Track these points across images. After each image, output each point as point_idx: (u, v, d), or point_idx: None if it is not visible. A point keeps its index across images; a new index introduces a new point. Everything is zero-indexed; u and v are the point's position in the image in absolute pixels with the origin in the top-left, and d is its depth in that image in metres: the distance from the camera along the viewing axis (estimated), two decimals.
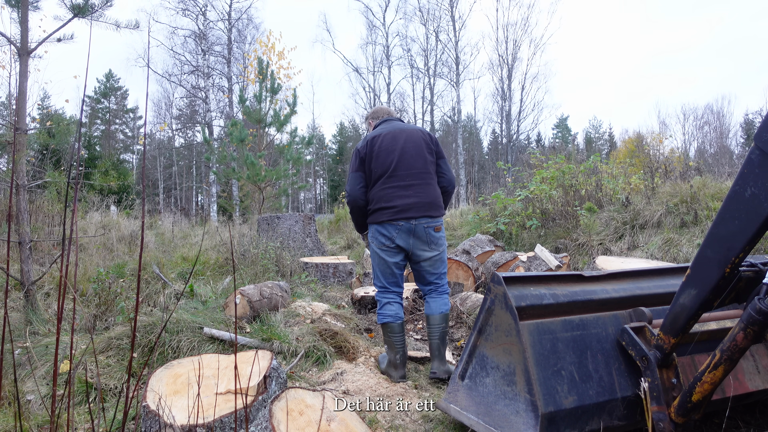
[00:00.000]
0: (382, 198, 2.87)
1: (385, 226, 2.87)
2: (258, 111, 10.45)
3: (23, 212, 3.55)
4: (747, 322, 1.62)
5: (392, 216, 2.84)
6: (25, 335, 3.32)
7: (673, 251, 5.32)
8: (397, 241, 2.88)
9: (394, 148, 2.89)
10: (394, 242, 2.88)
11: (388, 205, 2.85)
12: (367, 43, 27.76)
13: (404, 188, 2.85)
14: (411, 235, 2.88)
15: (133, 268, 5.64)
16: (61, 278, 1.23)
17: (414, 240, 2.89)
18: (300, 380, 2.98)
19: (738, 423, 2.32)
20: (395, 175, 2.87)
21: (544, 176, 7.90)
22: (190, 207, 31.10)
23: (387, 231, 2.88)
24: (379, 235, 2.90)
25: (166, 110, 31.40)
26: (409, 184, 2.86)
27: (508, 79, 27.44)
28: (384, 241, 2.89)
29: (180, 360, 2.27)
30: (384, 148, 2.90)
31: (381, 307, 2.97)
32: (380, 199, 2.87)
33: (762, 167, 1.47)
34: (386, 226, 2.87)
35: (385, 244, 2.90)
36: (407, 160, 2.89)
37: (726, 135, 35.66)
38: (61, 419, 2.03)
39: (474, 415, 2.07)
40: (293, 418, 1.87)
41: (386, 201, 2.85)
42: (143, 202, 1.10)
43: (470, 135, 34.54)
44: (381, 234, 2.90)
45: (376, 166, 2.89)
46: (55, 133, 4.11)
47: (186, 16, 22.54)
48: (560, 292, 2.12)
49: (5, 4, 3.64)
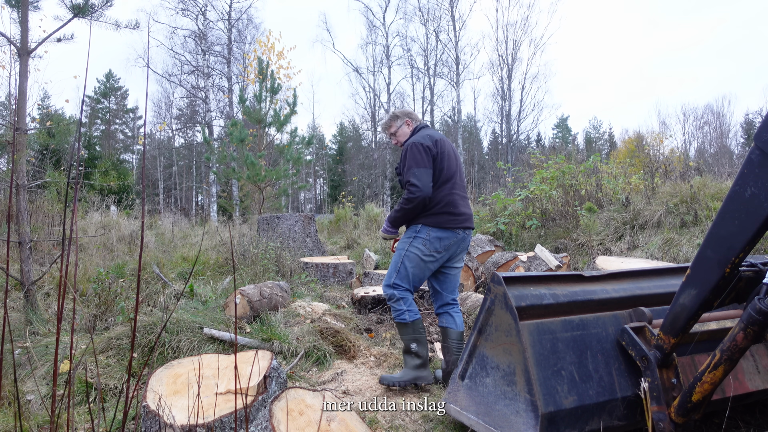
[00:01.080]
0: (450, 203, 2.84)
1: (447, 231, 2.83)
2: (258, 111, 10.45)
3: (23, 212, 3.55)
4: (747, 322, 1.62)
5: (459, 224, 2.85)
6: (25, 335, 3.32)
7: (673, 251, 5.32)
8: (451, 249, 2.88)
9: (455, 156, 2.99)
10: (448, 250, 2.86)
11: (456, 212, 2.85)
12: (367, 43, 27.79)
13: (464, 198, 2.94)
14: (460, 244, 2.92)
15: (133, 268, 5.64)
16: (61, 278, 1.23)
17: (459, 250, 2.94)
18: (300, 380, 2.98)
19: (738, 423, 2.32)
20: (458, 183, 2.92)
21: (544, 176, 7.90)
22: (190, 207, 31.10)
23: (447, 237, 2.83)
24: (437, 240, 2.82)
25: (166, 110, 31.42)
26: (465, 195, 2.97)
27: (508, 79, 27.45)
28: (438, 247, 2.83)
29: (180, 360, 2.27)
30: (448, 152, 2.92)
31: (408, 305, 2.87)
32: (448, 203, 2.84)
33: (762, 167, 1.47)
34: (448, 232, 2.83)
35: (438, 250, 2.83)
36: (462, 170, 3.05)
37: (726, 135, 35.67)
38: (61, 419, 2.03)
39: (474, 415, 2.07)
40: (293, 418, 1.87)
41: (454, 207, 2.85)
42: (143, 202, 1.10)
43: (470, 135, 34.55)
44: (439, 239, 2.82)
45: (446, 169, 2.88)
46: (55, 133, 4.11)
47: (186, 16, 22.55)
48: (560, 292, 2.12)
49: (5, 4, 3.64)
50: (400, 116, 3.11)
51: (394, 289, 2.86)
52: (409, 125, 3.11)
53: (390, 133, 3.14)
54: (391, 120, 3.11)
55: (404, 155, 2.87)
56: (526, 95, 28.02)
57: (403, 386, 2.81)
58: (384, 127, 3.17)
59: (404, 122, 3.10)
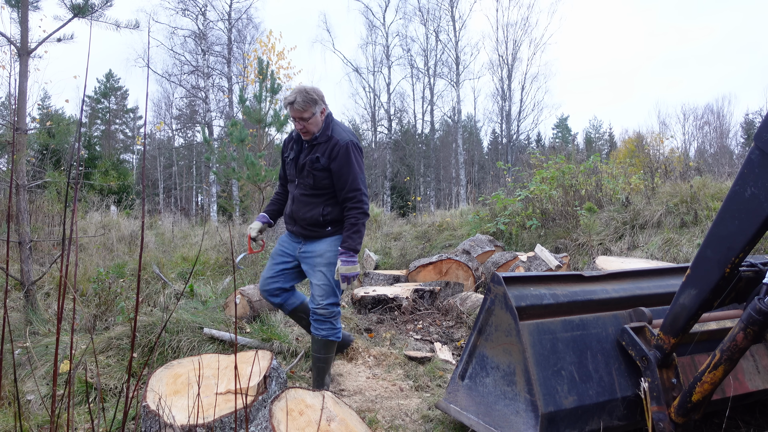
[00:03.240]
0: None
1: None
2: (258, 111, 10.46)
3: (23, 212, 3.55)
4: (747, 322, 1.62)
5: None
6: (25, 335, 3.31)
7: (673, 251, 5.32)
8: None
9: None
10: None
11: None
12: (367, 43, 27.76)
13: None
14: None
15: (133, 268, 5.64)
16: (61, 278, 1.23)
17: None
18: (300, 380, 2.98)
19: (738, 423, 2.32)
20: None
21: (544, 176, 7.90)
22: (190, 207, 31.10)
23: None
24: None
25: (166, 110, 31.41)
26: None
27: (508, 79, 27.44)
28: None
29: (180, 360, 2.27)
30: None
31: (338, 322, 2.72)
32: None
33: (762, 167, 1.47)
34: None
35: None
36: None
37: (726, 135, 35.66)
38: (61, 419, 2.03)
39: (474, 415, 2.07)
40: (293, 418, 1.87)
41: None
42: (143, 202, 1.10)
43: (470, 135, 34.54)
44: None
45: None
46: (55, 133, 4.11)
47: (186, 16, 22.54)
48: (560, 292, 2.12)
49: (5, 4, 3.64)
50: (319, 101, 2.46)
51: (337, 307, 2.68)
52: (323, 114, 2.53)
53: (301, 117, 2.44)
54: (311, 103, 2.43)
55: (345, 156, 2.48)
56: (526, 95, 28.01)
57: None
58: (300, 108, 2.42)
59: (321, 110, 2.50)
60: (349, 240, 2.52)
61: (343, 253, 2.52)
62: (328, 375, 2.76)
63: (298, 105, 2.42)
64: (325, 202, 2.58)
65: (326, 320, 2.63)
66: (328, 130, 2.54)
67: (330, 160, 2.49)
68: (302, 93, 2.43)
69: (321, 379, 2.72)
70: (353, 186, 2.51)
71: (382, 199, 24.35)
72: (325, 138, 2.52)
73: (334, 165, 2.48)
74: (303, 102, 2.42)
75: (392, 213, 16.95)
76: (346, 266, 2.51)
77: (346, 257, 2.51)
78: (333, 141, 2.50)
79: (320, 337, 2.64)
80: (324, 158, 2.50)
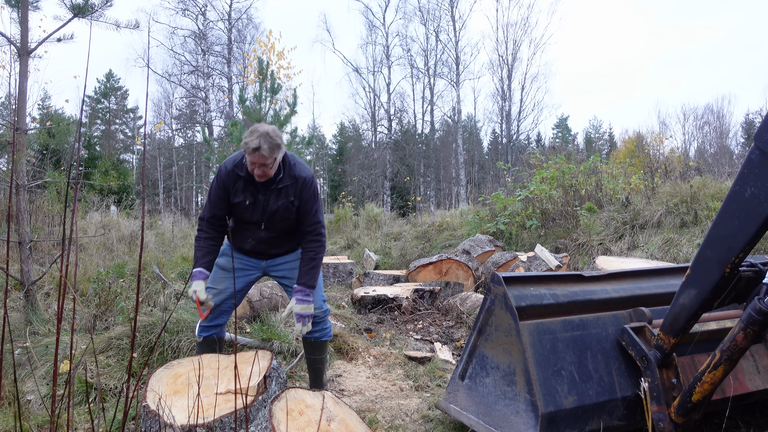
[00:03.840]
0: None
1: None
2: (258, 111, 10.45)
3: (23, 212, 3.55)
4: (747, 322, 1.62)
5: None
6: (25, 335, 3.31)
7: (673, 251, 5.32)
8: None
9: None
10: None
11: None
12: (367, 43, 27.74)
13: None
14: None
15: (133, 268, 5.64)
16: (61, 278, 1.23)
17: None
18: (300, 380, 2.98)
19: (738, 423, 2.32)
20: None
21: (544, 176, 7.90)
22: (190, 207, 31.08)
23: None
24: None
25: (166, 110, 31.41)
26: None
27: (508, 79, 27.43)
28: None
29: (180, 360, 2.27)
30: None
31: (329, 321, 2.70)
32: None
33: (762, 167, 1.47)
34: None
35: None
36: None
37: (726, 135, 35.65)
38: (61, 419, 2.04)
39: (474, 415, 2.07)
40: (293, 418, 1.87)
41: None
42: (143, 202, 1.10)
43: (470, 135, 34.53)
44: None
45: None
46: (55, 133, 4.11)
47: (186, 16, 22.54)
48: (560, 292, 2.12)
49: (5, 4, 3.64)
50: (282, 144, 2.28)
51: (327, 305, 2.64)
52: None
53: (264, 163, 2.24)
54: (276, 149, 2.22)
55: (311, 191, 2.42)
56: (526, 95, 28.00)
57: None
58: (266, 154, 2.20)
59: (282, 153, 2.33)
60: (307, 276, 2.39)
61: (299, 291, 2.36)
62: (325, 375, 2.77)
63: (264, 152, 2.17)
64: (297, 234, 2.55)
65: (320, 321, 2.60)
66: (292, 170, 2.40)
67: (299, 199, 2.42)
68: (266, 138, 2.19)
69: (320, 379, 2.72)
70: (315, 219, 2.44)
71: (382, 199, 24.34)
72: (290, 179, 2.39)
73: (301, 201, 2.42)
74: (269, 149, 2.19)
75: (392, 213, 16.96)
76: (301, 305, 2.35)
77: (302, 295, 2.35)
78: (300, 180, 2.40)
79: (313, 339, 2.62)
80: (296, 200, 2.41)
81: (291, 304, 2.37)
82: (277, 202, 2.39)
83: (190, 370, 2.12)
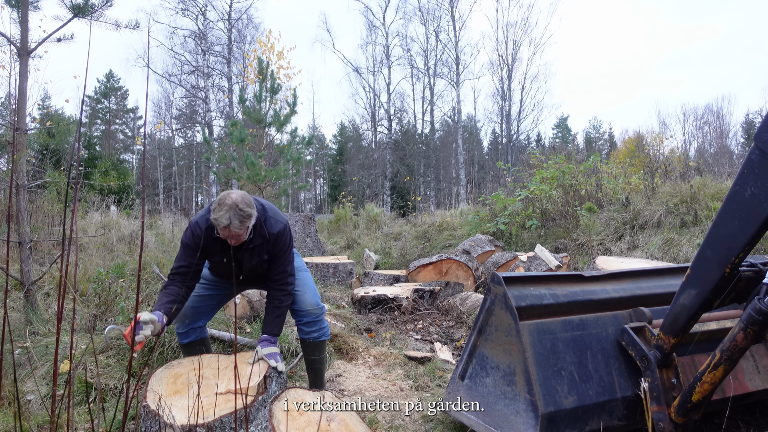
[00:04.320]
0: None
1: None
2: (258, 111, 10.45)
3: (23, 212, 3.55)
4: (747, 322, 1.62)
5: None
6: (25, 335, 3.31)
7: (673, 251, 5.32)
8: None
9: None
10: None
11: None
12: (367, 43, 27.74)
13: None
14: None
15: (133, 268, 5.64)
16: (61, 278, 1.23)
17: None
18: (300, 380, 2.98)
19: (738, 423, 2.32)
20: None
21: (544, 176, 7.90)
22: (190, 207, 31.08)
23: None
24: None
25: (166, 110, 31.41)
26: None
27: (508, 79, 27.44)
28: None
29: (180, 360, 2.27)
30: None
31: (325, 320, 2.74)
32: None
33: (762, 167, 1.47)
34: None
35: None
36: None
37: (726, 135, 35.65)
38: (61, 419, 2.04)
39: (474, 415, 2.07)
40: (293, 418, 1.87)
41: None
42: (143, 202, 1.10)
43: (470, 135, 34.53)
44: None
45: None
46: (55, 133, 4.11)
47: (186, 16, 22.54)
48: (560, 292, 2.12)
49: (5, 4, 3.64)
50: (252, 213, 2.22)
51: (323, 304, 2.69)
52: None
53: (239, 232, 2.19)
54: (246, 220, 2.17)
55: (283, 243, 2.41)
56: (526, 95, 28.01)
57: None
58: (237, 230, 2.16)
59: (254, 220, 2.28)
60: (272, 325, 2.39)
61: (264, 340, 2.32)
62: (324, 375, 2.78)
63: (235, 228, 2.13)
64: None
65: (317, 320, 2.63)
66: (262, 230, 2.34)
67: (270, 254, 2.41)
68: (236, 213, 2.11)
69: (320, 379, 2.73)
70: (283, 268, 2.43)
71: (382, 199, 24.35)
72: (260, 239, 2.35)
73: (272, 255, 2.41)
74: (239, 224, 2.14)
75: (392, 213, 16.96)
76: (266, 348, 2.28)
77: (267, 343, 2.31)
78: (271, 238, 2.37)
79: (312, 339, 2.64)
80: (268, 255, 2.41)
81: (258, 350, 2.29)
82: (251, 261, 2.40)
83: (190, 370, 2.12)
